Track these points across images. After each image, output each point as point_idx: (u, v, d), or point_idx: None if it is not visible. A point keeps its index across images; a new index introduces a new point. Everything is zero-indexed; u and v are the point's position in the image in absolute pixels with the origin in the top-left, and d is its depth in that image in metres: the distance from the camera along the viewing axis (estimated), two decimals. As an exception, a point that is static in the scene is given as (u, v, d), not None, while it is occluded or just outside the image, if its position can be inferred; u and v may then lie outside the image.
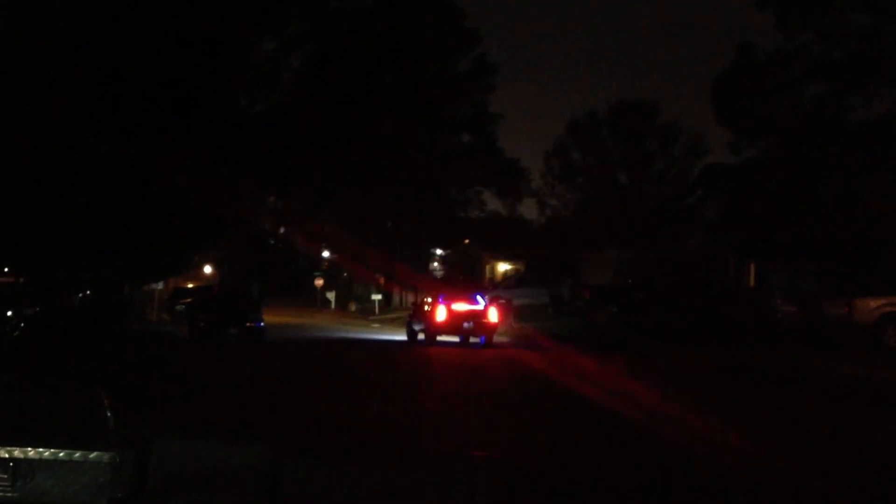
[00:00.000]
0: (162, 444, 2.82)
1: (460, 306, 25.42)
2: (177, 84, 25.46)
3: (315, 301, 56.40)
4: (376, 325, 43.40)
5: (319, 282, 56.60)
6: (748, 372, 18.70)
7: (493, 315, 25.87)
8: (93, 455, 2.61)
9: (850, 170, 27.73)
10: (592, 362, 20.41)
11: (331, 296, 56.61)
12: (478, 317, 25.30)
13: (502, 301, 34.44)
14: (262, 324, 29.95)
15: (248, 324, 30.27)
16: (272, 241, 54.10)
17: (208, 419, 10.19)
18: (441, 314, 24.99)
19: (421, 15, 46.49)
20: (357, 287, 59.11)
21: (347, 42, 37.98)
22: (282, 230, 58.98)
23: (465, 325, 25.03)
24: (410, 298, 51.20)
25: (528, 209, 60.18)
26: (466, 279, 55.76)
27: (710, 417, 11.54)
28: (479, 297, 26.80)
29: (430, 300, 27.19)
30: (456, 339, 25.94)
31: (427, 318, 25.95)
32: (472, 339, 25.74)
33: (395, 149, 44.93)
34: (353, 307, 55.74)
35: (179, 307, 34.01)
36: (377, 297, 53.33)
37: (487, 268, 59.77)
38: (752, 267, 34.37)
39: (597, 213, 53.22)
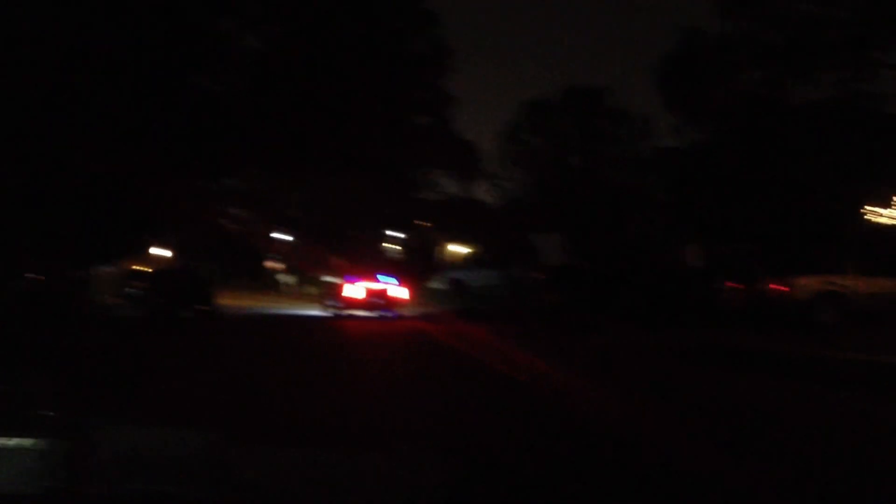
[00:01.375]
0: (102, 430, 2.79)
1: (374, 285, 28.87)
2: (127, 61, 25.36)
3: (273, 284, 56.43)
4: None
5: (275, 264, 56.62)
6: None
7: (403, 292, 29.54)
8: (24, 442, 2.59)
9: (791, 153, 28.51)
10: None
11: (288, 278, 56.64)
12: (390, 294, 28.90)
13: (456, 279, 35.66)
14: (214, 306, 30.22)
15: (201, 306, 30.52)
16: (229, 223, 54.23)
17: (154, 404, 10.18)
18: (357, 291, 28.30)
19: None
20: (316, 268, 59.20)
21: (304, 23, 37.94)
22: (238, 212, 58.93)
23: (379, 301, 28.44)
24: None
25: (483, 192, 60.64)
26: (424, 261, 56.24)
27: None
28: (390, 277, 30.11)
29: (348, 280, 29.83)
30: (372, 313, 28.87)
31: (345, 295, 28.71)
32: (384, 314, 28.75)
33: (353, 129, 45.13)
34: (311, 289, 55.82)
35: (131, 290, 33.94)
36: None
37: (443, 249, 60.14)
38: (700, 248, 35.19)
39: (550, 196, 53.80)
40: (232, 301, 36.07)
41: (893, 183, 22.38)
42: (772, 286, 25.76)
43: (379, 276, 30.21)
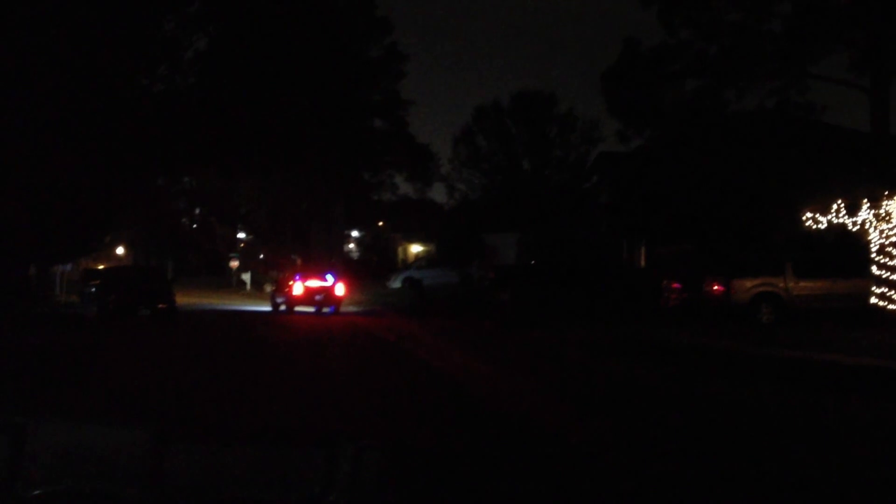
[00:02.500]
0: (38, 427, 2.71)
1: (314, 283, 30.36)
2: (77, 62, 25.17)
3: (231, 282, 56.15)
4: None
5: (234, 263, 56.35)
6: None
7: (339, 290, 30.97)
8: None
9: (729, 159, 29.09)
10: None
11: (246, 277, 56.41)
12: (328, 291, 30.35)
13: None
14: (173, 304, 30.05)
15: (159, 305, 30.27)
16: (186, 221, 53.94)
17: (97, 401, 10.21)
18: (298, 289, 29.96)
19: (332, 2, 46.78)
20: (272, 268, 59.08)
21: (255, 25, 37.86)
22: (197, 211, 58.69)
23: (318, 297, 30.11)
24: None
25: (438, 193, 61.07)
26: (380, 260, 56.52)
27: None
28: (329, 276, 31.49)
29: (292, 277, 31.74)
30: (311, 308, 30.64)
31: (288, 292, 30.42)
32: (324, 309, 30.56)
33: (308, 131, 45.17)
34: (268, 288, 55.65)
35: (89, 288, 33.63)
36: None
37: (400, 249, 60.38)
38: (643, 249, 35.75)
39: (502, 197, 54.23)
40: (190, 299, 35.96)
41: (832, 190, 22.95)
42: (712, 286, 26.34)
43: (319, 275, 31.96)
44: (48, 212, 26.75)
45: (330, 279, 31.39)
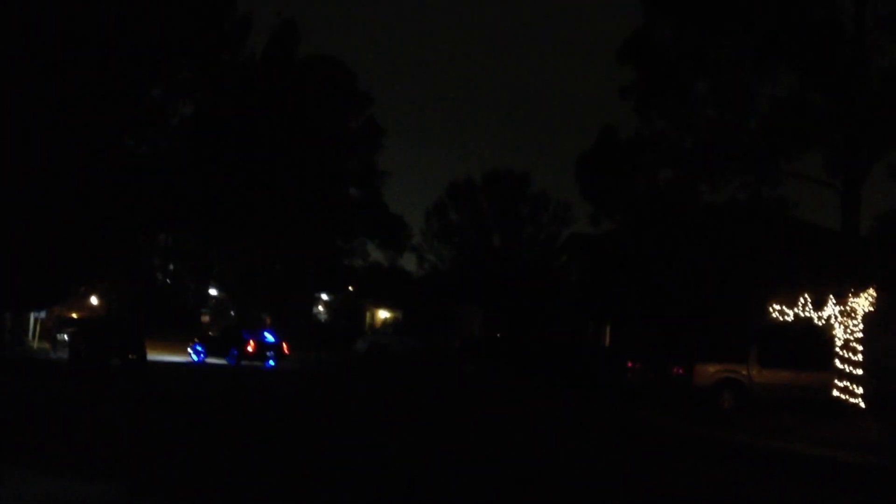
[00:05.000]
0: (13, 478, 2.62)
1: (263, 340, 33.84)
2: (63, 118, 24.86)
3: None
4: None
5: (205, 318, 55.37)
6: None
7: (283, 347, 34.20)
8: None
9: (699, 248, 29.01)
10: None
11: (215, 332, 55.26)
12: (273, 347, 33.67)
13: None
14: (144, 356, 29.25)
15: (131, 355, 29.48)
16: (160, 276, 52.97)
17: (67, 453, 9.71)
18: (251, 346, 32.92)
19: (316, 75, 46.99)
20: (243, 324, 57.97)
21: (238, 94, 37.97)
22: (171, 266, 57.68)
23: (263, 352, 33.12)
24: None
25: (409, 262, 60.57)
26: (347, 324, 55.73)
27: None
28: (272, 335, 34.84)
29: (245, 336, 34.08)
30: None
31: (243, 347, 32.86)
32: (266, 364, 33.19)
33: (285, 197, 44.89)
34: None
35: (61, 336, 32.63)
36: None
37: (368, 314, 59.72)
38: (608, 329, 35.48)
39: (471, 271, 53.93)
40: (159, 351, 35.04)
41: (799, 284, 22.91)
42: (675, 369, 26.05)
43: (265, 333, 35.09)
44: (24, 259, 26.11)
45: (272, 338, 34.39)
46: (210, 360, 33.40)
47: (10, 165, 24.29)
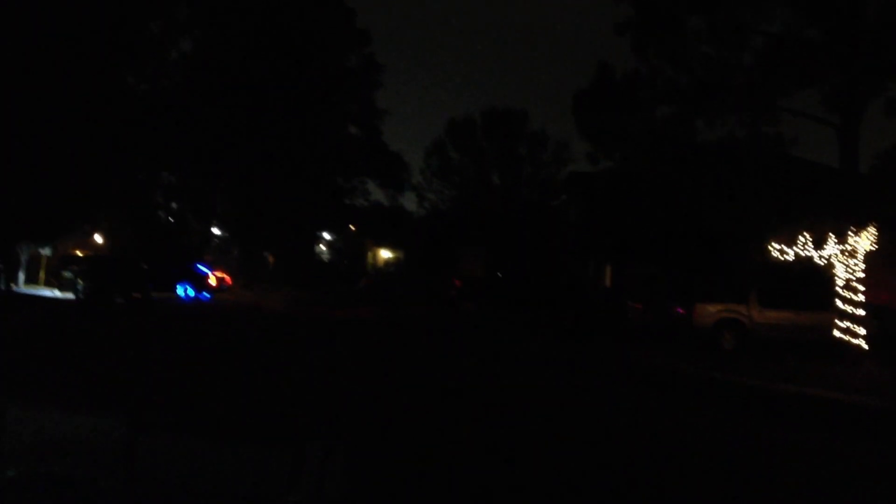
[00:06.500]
0: (14, 412, 2.65)
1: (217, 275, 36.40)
2: (67, 60, 24.45)
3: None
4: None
5: (208, 258, 54.87)
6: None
7: (223, 281, 37.18)
8: None
9: (697, 186, 28.46)
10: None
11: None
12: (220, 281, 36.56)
13: None
14: (147, 294, 29.22)
15: (135, 293, 29.50)
16: (162, 215, 52.29)
17: (69, 389, 9.71)
18: (213, 280, 35.17)
19: (314, 12, 45.85)
20: (245, 264, 57.59)
21: (239, 32, 37.17)
22: (174, 205, 57.08)
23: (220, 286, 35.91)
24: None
25: (410, 201, 60.11)
26: (349, 264, 55.41)
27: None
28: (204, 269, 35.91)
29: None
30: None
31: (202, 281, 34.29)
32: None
33: (286, 136, 44.12)
34: (241, 283, 54.25)
35: (67, 274, 32.32)
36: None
37: (370, 254, 59.38)
38: (609, 269, 35.03)
39: (471, 210, 53.47)
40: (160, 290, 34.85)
41: (799, 223, 22.32)
42: (675, 309, 25.58)
43: (198, 266, 36.17)
44: (29, 193, 25.84)
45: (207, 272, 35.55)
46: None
47: (14, 102, 23.93)
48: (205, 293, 34.04)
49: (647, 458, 8.33)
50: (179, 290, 33.37)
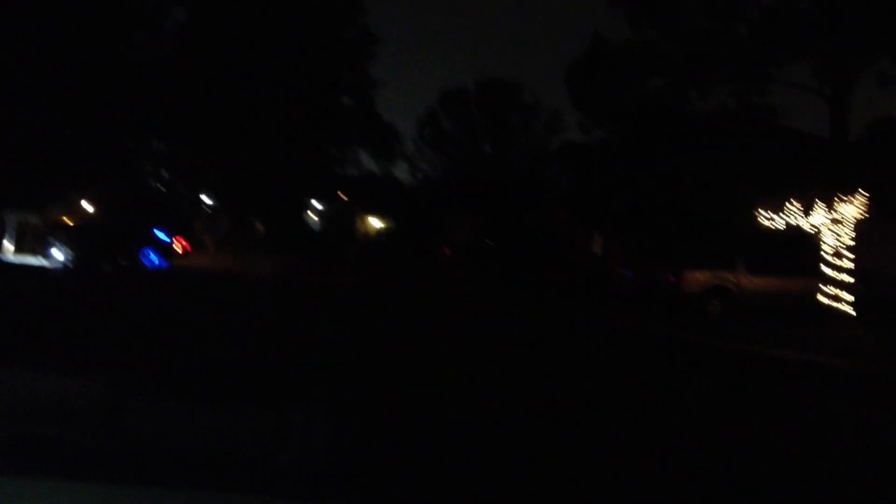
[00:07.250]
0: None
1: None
2: (56, 18, 24.05)
3: (196, 244, 54.33)
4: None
5: (197, 225, 54.57)
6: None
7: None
8: None
9: (688, 156, 28.31)
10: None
11: (209, 239, 54.70)
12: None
13: None
14: (135, 261, 28.94)
15: (122, 261, 29.17)
16: (152, 182, 51.92)
17: (53, 351, 9.66)
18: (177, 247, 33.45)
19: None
20: (236, 232, 57.30)
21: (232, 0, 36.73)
22: (163, 173, 56.63)
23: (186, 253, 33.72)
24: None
25: (401, 171, 59.84)
26: (339, 232, 55.19)
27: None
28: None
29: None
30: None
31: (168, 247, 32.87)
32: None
33: (279, 104, 43.69)
34: (231, 251, 54.04)
35: (53, 240, 31.91)
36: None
37: (361, 223, 59.19)
38: (599, 237, 35.01)
39: (463, 179, 53.25)
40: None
41: (787, 191, 22.21)
42: (664, 276, 25.46)
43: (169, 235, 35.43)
44: (18, 159, 25.52)
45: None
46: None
47: (3, 68, 23.58)
48: (165, 261, 32.95)
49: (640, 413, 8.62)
50: (145, 258, 32.69)
